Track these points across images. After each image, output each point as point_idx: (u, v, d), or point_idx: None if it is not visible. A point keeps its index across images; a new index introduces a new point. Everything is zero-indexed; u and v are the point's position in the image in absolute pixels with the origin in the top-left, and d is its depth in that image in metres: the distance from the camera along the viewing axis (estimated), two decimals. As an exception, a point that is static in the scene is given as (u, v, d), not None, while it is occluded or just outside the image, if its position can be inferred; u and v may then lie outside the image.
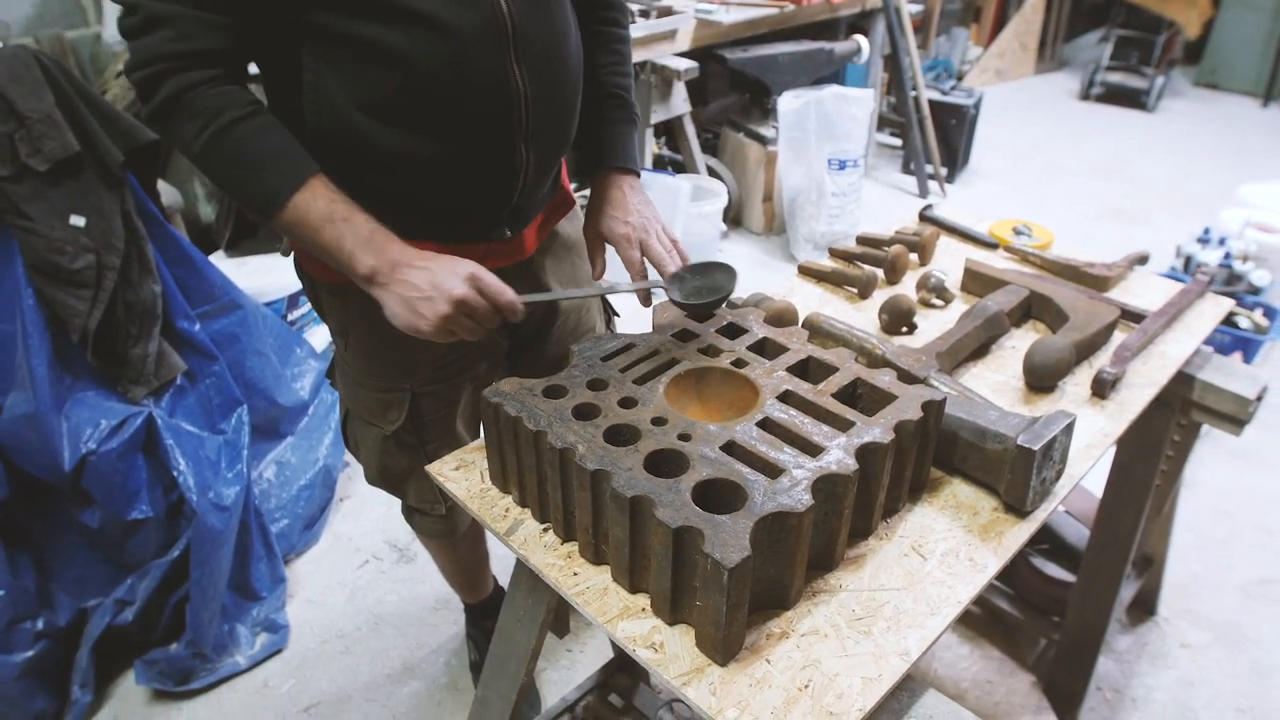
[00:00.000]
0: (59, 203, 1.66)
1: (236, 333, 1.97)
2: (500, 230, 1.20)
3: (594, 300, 1.45)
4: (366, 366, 1.29)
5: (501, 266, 1.21)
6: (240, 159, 0.99)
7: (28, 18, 2.55)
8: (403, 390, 1.29)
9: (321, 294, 1.27)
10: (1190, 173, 4.55)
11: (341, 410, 1.42)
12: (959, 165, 4.26)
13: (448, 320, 0.99)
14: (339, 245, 1.00)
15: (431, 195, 1.11)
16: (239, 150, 0.98)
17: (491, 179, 1.12)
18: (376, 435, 1.34)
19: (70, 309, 1.69)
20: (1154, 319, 1.41)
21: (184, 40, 0.94)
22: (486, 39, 1.02)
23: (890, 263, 1.50)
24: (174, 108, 0.97)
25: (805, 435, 0.90)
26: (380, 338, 1.22)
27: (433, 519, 1.47)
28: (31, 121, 1.60)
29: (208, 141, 0.97)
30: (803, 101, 3.15)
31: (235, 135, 0.98)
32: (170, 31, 0.94)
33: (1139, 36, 5.46)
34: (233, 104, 0.98)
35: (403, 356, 1.26)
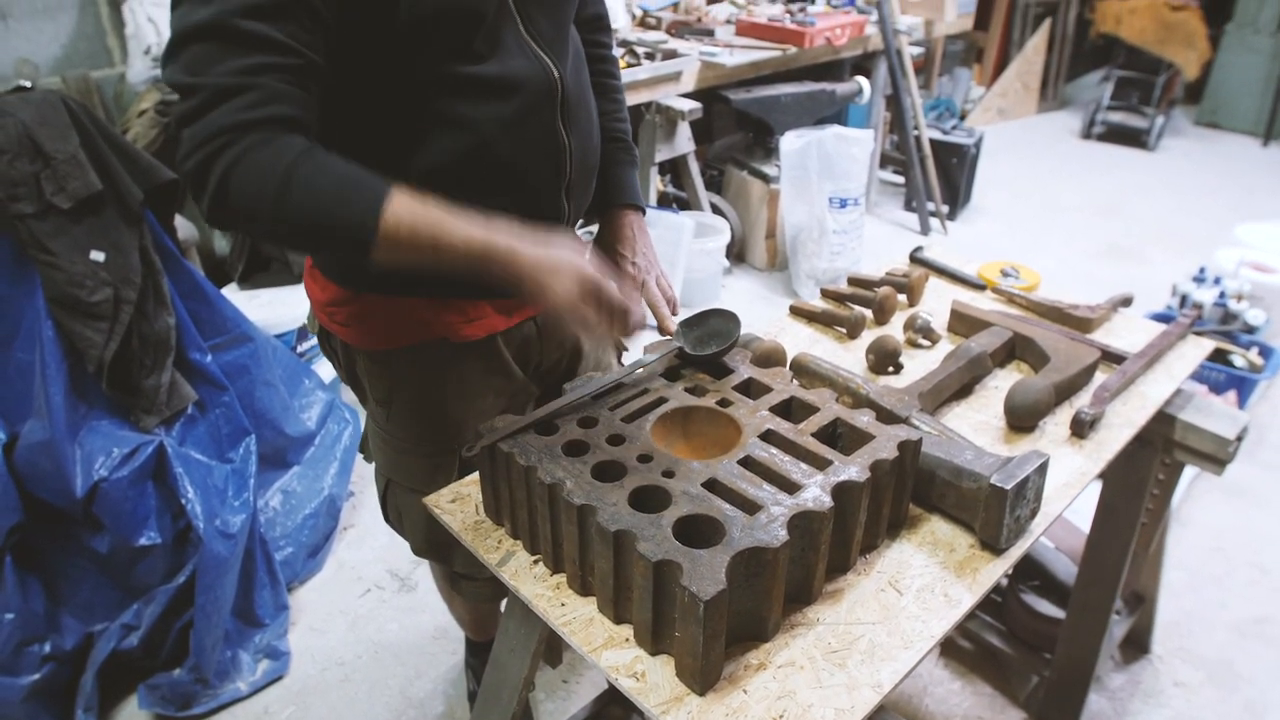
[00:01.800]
0: (80, 238, 1.73)
1: (247, 364, 2.03)
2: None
3: (608, 340, 1.49)
4: (413, 433, 1.28)
5: (533, 315, 1.29)
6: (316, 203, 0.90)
7: (56, 58, 2.64)
8: (451, 453, 1.28)
9: (361, 362, 1.26)
10: (1190, 211, 4.60)
11: (380, 483, 1.39)
12: (960, 202, 4.32)
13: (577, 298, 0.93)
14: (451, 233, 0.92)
15: None
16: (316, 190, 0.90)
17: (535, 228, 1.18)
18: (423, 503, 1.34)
19: (88, 340, 1.75)
20: (1134, 360, 1.45)
21: (256, 108, 0.88)
22: (541, 100, 1.11)
23: (879, 304, 1.55)
24: (229, 180, 0.88)
25: (784, 473, 0.94)
26: (428, 402, 1.25)
27: (480, 584, 1.45)
28: (57, 162, 1.67)
29: (278, 196, 0.89)
30: (804, 141, 3.22)
31: (303, 176, 0.89)
32: (239, 101, 0.88)
33: (1139, 77, 5.54)
34: (289, 149, 0.90)
35: (452, 418, 1.26)
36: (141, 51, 2.49)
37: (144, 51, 2.49)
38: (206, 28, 0.87)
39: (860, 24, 3.72)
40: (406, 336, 1.22)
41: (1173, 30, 5.37)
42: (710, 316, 1.18)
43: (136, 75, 2.52)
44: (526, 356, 1.33)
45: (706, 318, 1.18)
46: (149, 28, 2.50)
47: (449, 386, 1.26)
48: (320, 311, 1.27)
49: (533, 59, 1.11)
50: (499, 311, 1.26)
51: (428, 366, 1.24)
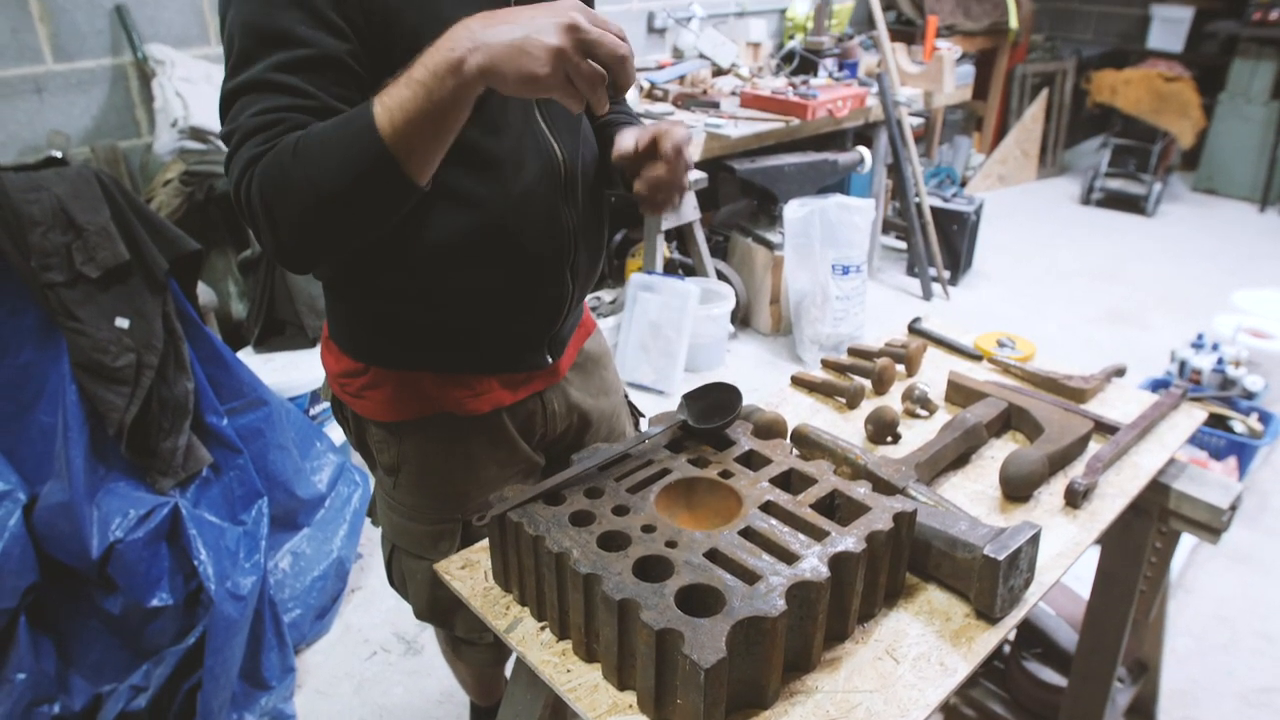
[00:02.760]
0: (106, 306, 1.80)
1: (261, 428, 2.08)
2: (542, 357, 1.30)
3: (623, 408, 1.55)
4: (418, 501, 1.32)
5: (538, 390, 1.33)
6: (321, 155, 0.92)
7: (86, 129, 2.76)
8: (455, 521, 1.32)
9: (370, 432, 1.31)
10: (1189, 275, 4.67)
11: (386, 548, 1.43)
12: (962, 268, 4.40)
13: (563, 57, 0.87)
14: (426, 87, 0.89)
15: (485, 329, 1.22)
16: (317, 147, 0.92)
17: (542, 310, 1.24)
18: (426, 568, 1.33)
19: (109, 404, 1.80)
20: (1127, 431, 1.48)
21: (279, 139, 0.95)
22: (546, 181, 1.16)
23: (877, 375, 1.59)
24: (264, 195, 0.94)
25: (783, 544, 0.98)
26: (434, 472, 1.30)
27: (480, 649, 1.47)
28: (89, 233, 1.75)
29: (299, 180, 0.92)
30: (808, 210, 3.31)
31: (303, 146, 0.93)
32: (264, 134, 0.96)
33: (1136, 145, 5.65)
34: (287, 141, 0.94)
35: (456, 488, 1.30)
36: (169, 124, 2.60)
37: (171, 124, 2.59)
38: (244, 85, 0.98)
39: (861, 96, 3.84)
40: (413, 409, 1.27)
41: (1167, 100, 5.50)
42: (713, 390, 1.23)
43: (163, 146, 2.62)
44: (531, 429, 1.37)
45: (710, 391, 1.23)
46: (176, 102, 2.61)
47: (453, 459, 1.30)
48: (333, 381, 1.32)
49: (542, 140, 1.17)
50: (504, 386, 1.30)
51: (433, 439, 1.29)
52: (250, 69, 0.98)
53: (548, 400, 1.37)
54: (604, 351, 1.53)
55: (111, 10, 2.71)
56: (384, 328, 1.23)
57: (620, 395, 1.57)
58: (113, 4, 2.71)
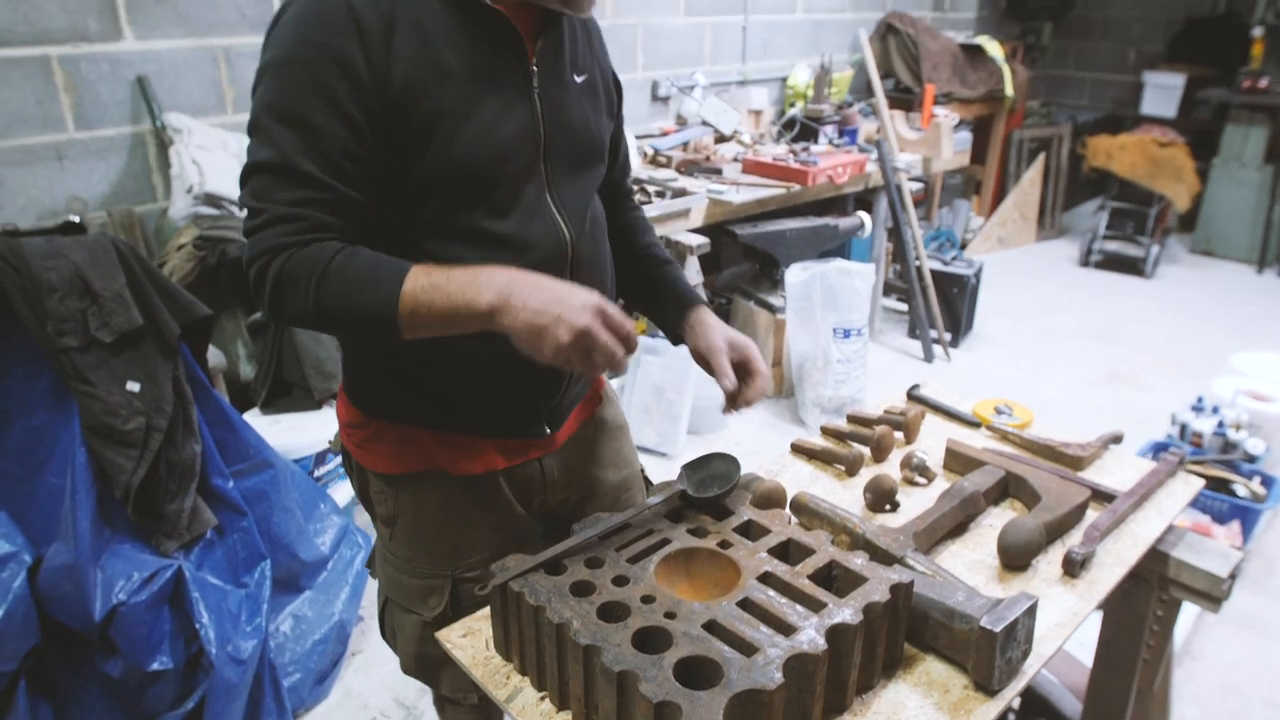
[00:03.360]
0: (119, 370, 1.83)
1: (266, 490, 2.10)
2: (540, 428, 1.34)
3: (636, 481, 1.56)
4: (411, 555, 1.36)
5: (536, 457, 1.36)
6: (346, 293, 1.04)
7: (104, 194, 2.83)
8: (445, 577, 1.35)
9: (371, 482, 1.36)
10: (1188, 337, 4.70)
11: (380, 600, 1.46)
12: (963, 330, 4.43)
13: (568, 350, 1.01)
14: (452, 302, 1.03)
15: (483, 396, 1.26)
16: (345, 282, 1.04)
17: (541, 382, 1.28)
18: (415, 622, 1.38)
19: (117, 466, 1.83)
20: (1124, 499, 1.49)
21: (300, 233, 1.05)
22: (552, 261, 1.21)
23: (876, 442, 1.61)
24: (278, 287, 1.05)
25: (781, 615, 0.99)
26: (426, 527, 1.33)
27: (465, 709, 1.48)
28: (104, 299, 1.79)
29: (315, 293, 1.04)
30: (809, 274, 3.37)
31: (334, 273, 1.04)
32: (289, 226, 1.05)
33: (1133, 208, 5.74)
34: (322, 253, 1.05)
35: (447, 545, 1.34)
36: (184, 190, 2.67)
37: (186, 190, 2.66)
38: (268, 164, 1.06)
39: (861, 163, 3.92)
40: (411, 463, 1.31)
41: (1161, 165, 5.60)
42: (712, 460, 1.25)
43: (178, 212, 2.68)
44: (529, 494, 1.39)
45: (709, 461, 1.25)
46: (193, 169, 2.68)
47: (447, 516, 1.33)
48: (343, 431, 1.38)
49: (550, 222, 1.22)
50: (499, 452, 1.33)
51: (427, 494, 1.33)
52: (273, 149, 1.06)
53: (548, 467, 1.39)
54: (618, 424, 1.55)
55: (133, 81, 2.80)
56: (386, 384, 1.28)
57: (634, 469, 1.57)
58: (135, 75, 2.80)
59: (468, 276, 1.03)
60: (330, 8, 1.05)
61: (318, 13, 1.05)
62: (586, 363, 1.03)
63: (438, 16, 1.10)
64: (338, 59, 1.04)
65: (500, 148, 1.14)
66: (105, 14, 2.71)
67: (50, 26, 2.62)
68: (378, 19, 1.06)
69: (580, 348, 1.02)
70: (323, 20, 1.05)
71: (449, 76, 1.10)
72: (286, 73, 1.05)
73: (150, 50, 2.82)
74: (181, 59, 2.89)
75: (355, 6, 1.05)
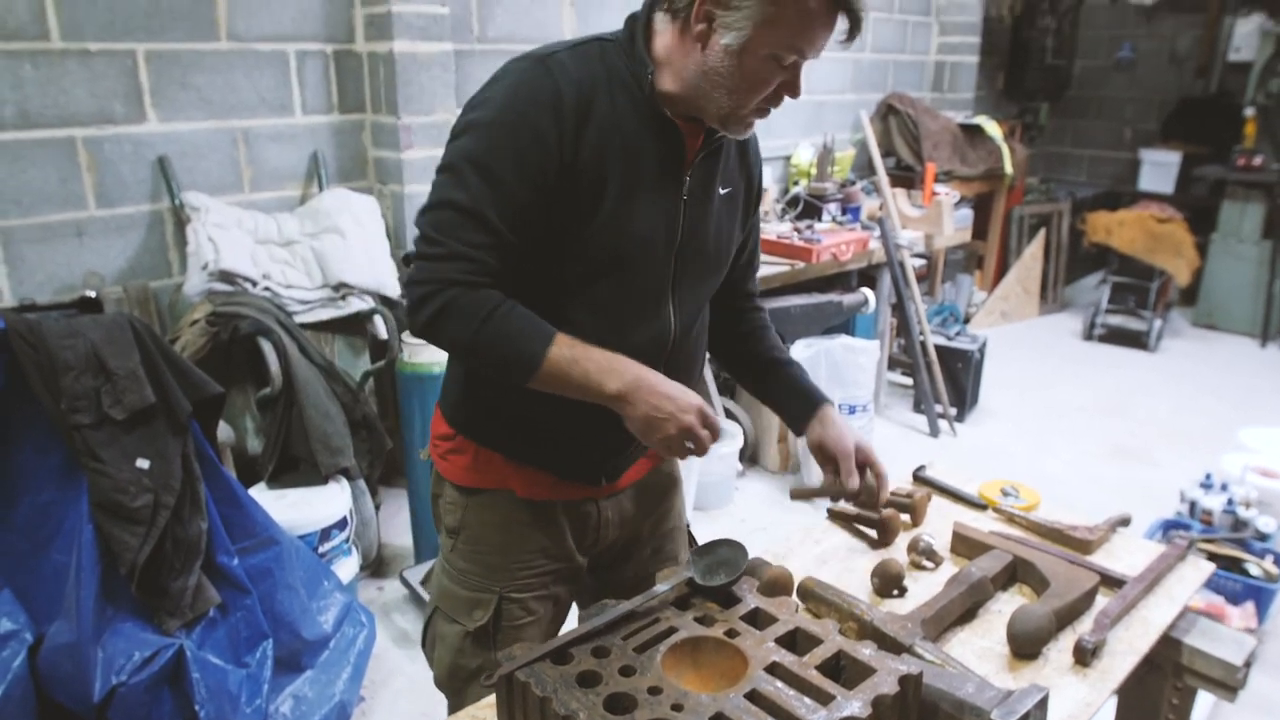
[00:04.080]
0: (129, 447, 1.85)
1: (271, 567, 2.09)
2: (598, 480, 1.45)
3: (680, 535, 1.66)
4: (467, 566, 1.45)
5: (594, 497, 1.47)
6: (502, 339, 1.21)
7: (121, 270, 2.89)
8: (493, 592, 1.43)
9: (446, 491, 1.47)
10: (1193, 411, 4.70)
11: (428, 611, 1.54)
12: (968, 405, 4.44)
13: (672, 441, 1.23)
14: (587, 378, 1.22)
15: (558, 440, 1.39)
16: (502, 332, 1.20)
17: (611, 442, 1.39)
18: (458, 632, 1.46)
19: (123, 544, 1.83)
20: (1134, 584, 1.48)
21: (473, 274, 1.20)
22: (649, 350, 1.34)
23: (883, 526, 1.61)
24: (443, 315, 1.20)
25: (789, 709, 0.98)
26: (486, 541, 1.43)
27: None
28: (118, 377, 1.82)
29: (476, 332, 1.20)
30: (814, 350, 3.39)
31: (497, 321, 1.20)
32: (466, 265, 1.19)
33: (1134, 283, 5.79)
34: (489, 300, 1.21)
35: (502, 561, 1.43)
36: (199, 267, 2.72)
37: (201, 267, 2.71)
38: (457, 204, 1.20)
39: (864, 240, 3.99)
40: (484, 480, 1.43)
41: (1161, 241, 5.67)
42: (719, 546, 1.25)
43: (192, 288, 2.73)
44: (584, 530, 1.48)
45: (715, 547, 1.25)
46: (208, 246, 2.74)
47: (507, 533, 1.43)
48: (432, 441, 1.50)
49: (663, 317, 1.37)
50: (564, 487, 1.43)
51: (493, 509, 1.44)
52: (465, 192, 1.19)
53: (604, 507, 1.49)
54: (673, 478, 1.65)
55: (154, 161, 2.89)
56: (480, 410, 1.41)
57: (681, 523, 1.68)
58: (156, 155, 2.89)
59: (602, 362, 1.22)
60: (541, 86, 1.20)
61: (529, 89, 1.20)
62: (681, 450, 1.25)
63: (624, 114, 1.25)
64: (537, 132, 1.18)
65: (641, 239, 1.29)
66: (131, 98, 2.81)
67: (78, 110, 2.72)
68: (577, 105, 1.21)
69: (681, 440, 1.24)
70: (532, 96, 1.20)
71: (621, 168, 1.24)
72: (492, 132, 1.20)
73: (172, 131, 2.91)
74: (202, 139, 2.98)
75: (562, 90, 1.20)
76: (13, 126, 2.62)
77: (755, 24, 1.16)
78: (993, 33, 6.41)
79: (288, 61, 3.11)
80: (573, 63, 1.24)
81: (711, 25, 1.19)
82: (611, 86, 1.24)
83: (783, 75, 1.22)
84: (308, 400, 2.52)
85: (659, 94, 1.26)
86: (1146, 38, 7.18)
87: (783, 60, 1.20)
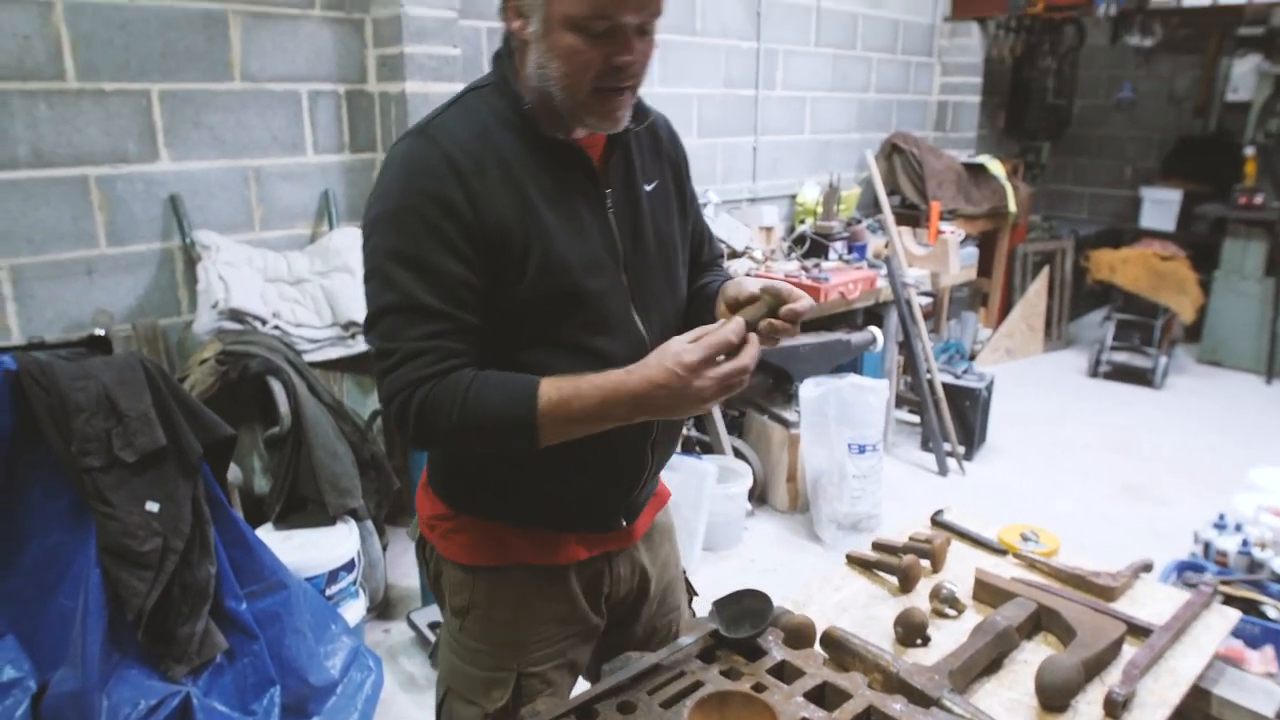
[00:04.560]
0: (139, 490, 1.83)
1: (279, 611, 2.06)
2: (617, 521, 1.40)
3: (679, 582, 1.61)
4: (479, 646, 1.39)
5: (610, 551, 1.42)
6: (487, 416, 1.14)
7: (130, 308, 2.88)
8: (510, 670, 1.37)
9: (447, 572, 1.41)
10: (1201, 448, 4.67)
11: (440, 690, 1.47)
12: (976, 443, 4.42)
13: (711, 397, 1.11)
14: (588, 415, 1.13)
15: (567, 493, 1.33)
16: (483, 408, 1.13)
17: (621, 480, 1.35)
18: (477, 714, 1.39)
19: (131, 589, 1.80)
20: (1161, 634, 1.46)
21: (435, 364, 1.14)
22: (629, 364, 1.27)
23: (903, 573, 1.59)
24: (422, 418, 1.13)
25: (822, 768, 0.96)
26: (498, 620, 1.37)
27: None
28: (130, 419, 1.81)
29: (459, 420, 1.13)
30: (823, 390, 3.38)
31: (472, 400, 1.13)
32: (424, 360, 1.14)
33: (1139, 320, 5.79)
34: (460, 383, 1.14)
35: (517, 638, 1.37)
36: (209, 305, 2.72)
37: (211, 305, 2.71)
38: (393, 306, 1.15)
39: (871, 279, 4.00)
40: (490, 557, 1.37)
41: (1164, 278, 5.68)
42: (744, 596, 1.24)
43: (202, 326, 2.73)
44: (597, 590, 1.43)
45: (740, 598, 1.24)
46: (219, 285, 2.74)
47: (520, 609, 1.38)
48: (423, 523, 1.44)
49: (634, 333, 1.31)
50: (579, 544, 1.39)
51: (504, 586, 1.37)
52: (396, 292, 1.15)
53: (615, 563, 1.44)
54: (670, 526, 1.61)
55: (166, 199, 2.90)
56: (476, 482, 1.35)
57: (679, 570, 1.63)
58: (168, 194, 2.90)
59: (596, 391, 1.12)
60: (429, 157, 1.17)
61: (420, 164, 1.17)
62: (727, 393, 1.12)
63: (518, 153, 1.21)
64: (443, 202, 1.15)
65: (586, 267, 1.25)
66: (144, 137, 2.83)
67: (92, 149, 2.73)
68: (471, 162, 1.17)
69: (718, 391, 1.10)
70: (424, 170, 1.16)
71: (534, 206, 1.20)
72: (401, 220, 1.15)
73: (184, 170, 2.92)
74: (214, 178, 2.99)
75: (450, 154, 1.17)
76: (26, 165, 2.63)
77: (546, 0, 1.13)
78: (993, 73, 6.48)
79: (300, 101, 3.14)
80: (454, 121, 1.22)
81: (524, 22, 1.17)
82: (499, 130, 1.21)
83: (604, 46, 1.14)
84: (316, 440, 2.51)
85: (541, 119, 1.22)
86: (1145, 78, 7.25)
87: (592, 29, 1.12)
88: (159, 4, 2.77)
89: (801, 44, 4.86)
